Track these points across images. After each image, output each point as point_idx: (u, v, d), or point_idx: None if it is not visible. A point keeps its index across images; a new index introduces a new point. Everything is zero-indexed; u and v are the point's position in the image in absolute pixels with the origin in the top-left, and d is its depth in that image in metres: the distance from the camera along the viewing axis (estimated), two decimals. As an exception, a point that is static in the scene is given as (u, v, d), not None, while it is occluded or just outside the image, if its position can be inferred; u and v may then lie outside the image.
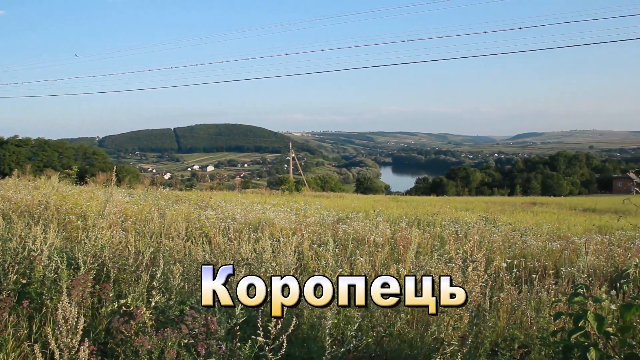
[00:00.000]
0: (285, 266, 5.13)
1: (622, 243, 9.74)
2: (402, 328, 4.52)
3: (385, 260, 7.23)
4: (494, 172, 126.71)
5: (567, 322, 3.77)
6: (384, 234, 9.03)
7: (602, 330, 2.72)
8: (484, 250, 4.71)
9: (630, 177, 5.70)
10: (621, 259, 8.04)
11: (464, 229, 10.62)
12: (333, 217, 12.09)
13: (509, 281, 5.94)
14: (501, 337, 4.65)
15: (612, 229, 13.18)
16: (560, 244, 9.68)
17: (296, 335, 4.23)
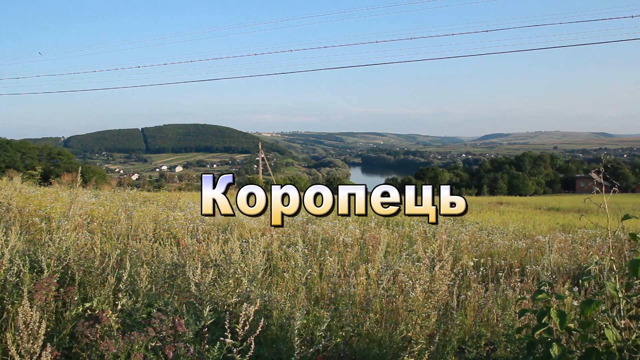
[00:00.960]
0: (254, 267, 5.10)
1: (585, 241, 9.99)
2: (371, 327, 4.55)
3: (355, 260, 7.26)
4: (461, 173, 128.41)
5: (531, 319, 3.84)
6: (353, 234, 9.07)
7: (564, 326, 2.78)
8: (451, 249, 4.77)
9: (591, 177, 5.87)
10: (583, 256, 8.24)
11: (433, 229, 10.73)
12: (302, 217, 12.08)
13: (476, 280, 6.03)
14: (468, 334, 4.71)
15: (575, 228, 13.49)
16: (525, 242, 9.86)
17: (265, 336, 4.22)
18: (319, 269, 6.28)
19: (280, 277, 6.27)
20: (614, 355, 2.74)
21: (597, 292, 3.20)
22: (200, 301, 4.20)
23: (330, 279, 5.47)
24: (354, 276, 5.51)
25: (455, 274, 5.79)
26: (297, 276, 5.71)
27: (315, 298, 5.71)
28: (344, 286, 5.26)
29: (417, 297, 3.80)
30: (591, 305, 2.78)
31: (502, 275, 6.07)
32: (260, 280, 5.68)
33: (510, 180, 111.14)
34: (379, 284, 5.18)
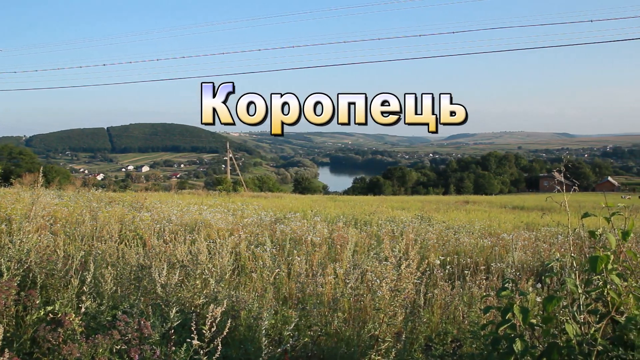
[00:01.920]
0: (221, 267, 5.07)
1: (547, 239, 10.22)
2: (339, 326, 4.56)
3: (323, 260, 7.28)
4: (429, 172, 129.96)
5: (496, 315, 3.91)
6: (322, 233, 9.08)
7: (527, 321, 2.84)
8: (417, 248, 4.82)
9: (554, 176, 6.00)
10: (546, 254, 8.43)
11: (400, 228, 10.83)
12: (271, 217, 12.05)
13: (443, 278, 6.10)
14: (435, 332, 4.78)
15: (538, 226, 13.78)
16: (491, 240, 10.03)
17: (233, 337, 4.19)
18: (287, 269, 6.27)
19: (249, 278, 6.24)
20: (574, 349, 2.82)
21: (559, 288, 3.27)
22: (166, 303, 4.15)
23: (298, 279, 5.47)
24: (322, 276, 5.52)
25: (422, 273, 5.86)
26: (265, 276, 5.69)
27: (283, 298, 5.70)
28: (312, 286, 5.26)
29: (384, 295, 3.83)
30: (552, 301, 2.84)
31: (468, 273, 6.17)
32: (228, 280, 5.64)
33: (476, 180, 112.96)
34: (346, 283, 5.20)
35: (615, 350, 2.77)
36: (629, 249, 3.16)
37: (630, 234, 3.07)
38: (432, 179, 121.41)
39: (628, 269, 3.12)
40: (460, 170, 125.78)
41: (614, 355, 2.78)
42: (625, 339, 2.87)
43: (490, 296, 4.33)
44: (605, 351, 2.80)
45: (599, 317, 2.97)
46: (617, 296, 2.92)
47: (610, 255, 2.91)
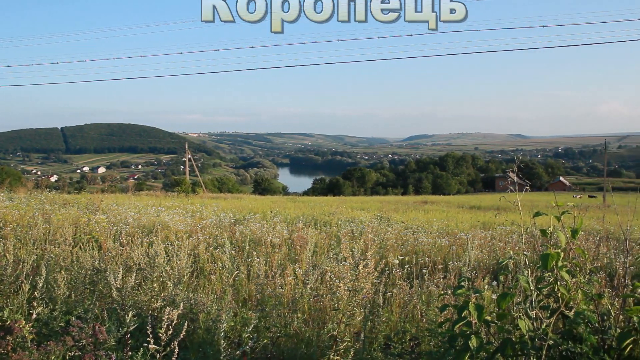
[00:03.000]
0: (179, 270, 5.00)
1: (503, 237, 10.45)
2: (299, 327, 4.56)
3: (283, 261, 7.27)
4: (388, 173, 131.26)
5: (453, 313, 3.98)
6: (281, 234, 9.06)
7: (482, 319, 2.91)
8: (374, 248, 4.87)
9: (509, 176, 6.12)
10: (502, 252, 8.62)
11: (360, 228, 10.90)
12: (230, 218, 11.96)
13: (402, 277, 6.17)
14: (394, 331, 4.82)
15: (494, 225, 14.07)
16: (448, 240, 10.19)
17: (192, 340, 4.15)
18: (246, 271, 6.24)
19: (208, 280, 6.18)
20: (526, 344, 2.89)
21: (513, 285, 3.36)
22: (122, 307, 4.07)
23: (257, 280, 5.45)
24: (281, 277, 5.51)
25: (381, 272, 5.91)
26: (225, 278, 5.64)
27: (243, 300, 5.67)
28: (271, 287, 5.25)
29: (342, 296, 3.85)
30: (506, 298, 2.92)
31: (426, 272, 6.26)
32: (187, 283, 5.58)
33: (434, 180, 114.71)
34: (306, 284, 5.20)
35: (565, 344, 2.86)
36: (578, 246, 3.26)
37: (579, 232, 3.18)
38: (391, 179, 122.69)
39: (577, 266, 3.23)
40: (419, 170, 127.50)
41: (564, 348, 2.87)
42: (574, 332, 2.97)
43: (447, 294, 4.41)
44: (556, 345, 2.89)
45: (550, 312, 3.06)
46: (566, 292, 3.02)
47: (561, 252, 3.00)
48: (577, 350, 2.83)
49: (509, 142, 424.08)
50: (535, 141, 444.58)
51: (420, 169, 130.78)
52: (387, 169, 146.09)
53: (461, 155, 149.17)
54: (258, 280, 5.43)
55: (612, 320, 3.07)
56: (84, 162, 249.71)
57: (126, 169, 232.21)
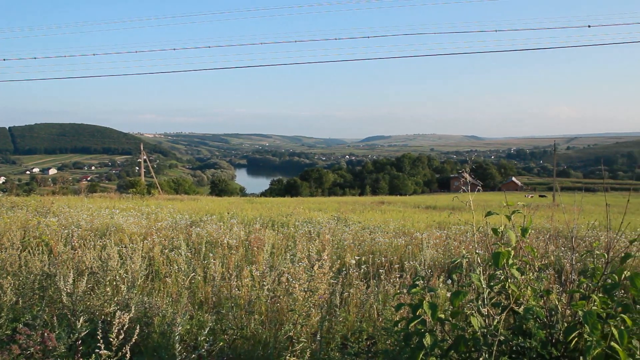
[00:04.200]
0: (133, 273, 4.91)
1: (458, 237, 10.64)
2: (256, 329, 4.54)
3: (240, 262, 7.22)
4: (345, 173, 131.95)
5: (408, 312, 4.03)
6: (238, 236, 9.00)
7: (436, 317, 2.96)
8: (329, 248, 4.89)
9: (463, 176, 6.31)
10: (456, 251, 8.78)
11: (317, 229, 10.92)
12: (186, 220, 11.81)
13: (359, 277, 6.21)
14: (351, 330, 4.85)
15: (449, 225, 14.32)
16: (405, 239, 10.31)
17: (146, 344, 4.07)
18: (203, 273, 6.17)
19: (163, 283, 6.08)
20: (479, 340, 2.96)
21: (466, 283, 3.43)
22: (73, 312, 3.97)
23: (214, 282, 5.39)
24: (238, 278, 5.47)
25: (338, 273, 5.94)
26: (181, 281, 5.57)
27: (199, 302, 5.60)
28: (226, 289, 5.21)
29: (297, 296, 3.85)
30: (459, 296, 2.98)
31: (383, 272, 6.31)
32: (142, 286, 5.47)
33: (391, 181, 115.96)
34: (263, 286, 5.18)
35: (515, 339, 2.94)
36: (527, 244, 3.36)
37: (529, 231, 3.27)
38: (349, 180, 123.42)
39: (527, 263, 3.32)
40: (376, 171, 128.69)
41: (515, 344, 2.95)
42: (524, 328, 3.06)
43: (403, 294, 4.46)
44: (507, 340, 2.97)
45: (501, 309, 3.14)
46: (516, 289, 3.10)
47: (511, 251, 3.09)
48: (527, 345, 2.91)
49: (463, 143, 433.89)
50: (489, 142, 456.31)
51: (377, 169, 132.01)
52: (344, 169, 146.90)
53: (417, 156, 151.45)
54: (214, 283, 5.37)
55: (560, 315, 3.17)
56: (34, 163, 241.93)
57: (79, 170, 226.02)
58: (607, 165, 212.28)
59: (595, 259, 3.42)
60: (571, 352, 3.00)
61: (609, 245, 3.35)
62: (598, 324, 2.76)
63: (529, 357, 2.92)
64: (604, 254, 3.32)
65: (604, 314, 2.91)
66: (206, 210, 18.66)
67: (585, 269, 3.30)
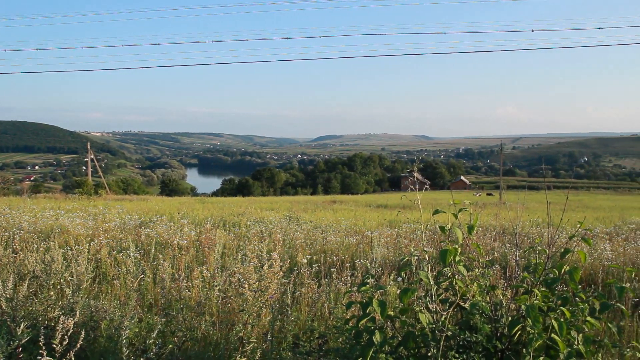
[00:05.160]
0: (79, 276, 4.77)
1: (408, 235, 10.82)
2: (207, 330, 4.49)
3: (190, 263, 7.13)
4: (297, 173, 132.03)
5: (358, 310, 4.07)
6: (189, 236, 8.88)
7: (385, 314, 3.01)
8: (280, 247, 4.89)
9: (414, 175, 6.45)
10: (407, 249, 8.92)
11: (269, 228, 10.89)
12: (135, 221, 11.56)
13: (310, 276, 6.23)
14: (303, 329, 4.86)
15: (400, 223, 14.52)
16: (356, 238, 10.41)
17: (93, 349, 3.97)
18: (152, 274, 6.06)
19: (111, 285, 5.94)
20: (427, 336, 3.03)
21: (415, 280, 3.49)
22: (13, 318, 3.82)
23: (163, 284, 5.30)
24: (188, 279, 5.40)
25: (290, 272, 5.95)
26: (129, 283, 5.45)
27: (149, 304, 5.50)
28: (175, 291, 5.13)
29: (247, 296, 3.83)
30: (407, 293, 3.03)
31: (334, 271, 6.35)
32: (88, 289, 5.33)
33: (343, 180, 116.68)
34: (214, 286, 5.13)
35: (462, 334, 3.02)
36: (474, 241, 3.45)
37: (475, 228, 3.36)
38: (301, 179, 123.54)
39: (473, 260, 3.41)
40: (328, 170, 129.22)
41: (461, 338, 3.03)
42: (470, 323, 3.14)
43: (353, 292, 4.50)
44: (454, 335, 3.05)
45: (449, 305, 3.21)
46: (463, 285, 3.18)
47: (458, 248, 3.16)
48: (473, 339, 3.00)
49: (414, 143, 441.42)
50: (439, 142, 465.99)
51: (329, 169, 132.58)
52: (296, 169, 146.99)
53: (369, 156, 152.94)
54: (164, 284, 5.29)
55: (504, 310, 3.27)
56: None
57: (21, 170, 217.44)
58: (550, 164, 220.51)
59: (537, 255, 3.55)
60: (515, 344, 3.11)
61: (551, 241, 3.48)
62: (539, 317, 2.86)
63: (475, 351, 3.00)
64: (545, 249, 3.44)
65: (545, 307, 3.03)
66: (156, 210, 18.33)
67: (529, 265, 3.41)
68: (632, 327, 5.27)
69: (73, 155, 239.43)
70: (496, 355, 3.09)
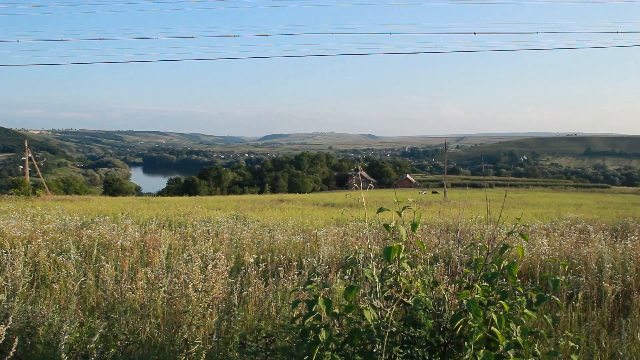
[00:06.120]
0: (14, 280, 4.59)
1: (355, 233, 10.92)
2: (151, 333, 4.41)
3: (135, 264, 6.97)
4: (244, 172, 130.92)
5: (305, 308, 4.09)
6: (133, 237, 8.68)
7: (330, 312, 3.04)
8: (225, 247, 4.86)
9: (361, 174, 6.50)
10: (353, 247, 9.00)
11: (216, 228, 10.77)
12: (77, 222, 11.20)
13: (257, 275, 6.20)
14: (250, 329, 4.84)
15: (347, 221, 14.63)
16: (303, 237, 10.42)
17: (30, 356, 3.83)
18: (94, 277, 5.89)
19: (50, 289, 5.74)
20: (372, 333, 3.07)
21: (361, 278, 3.54)
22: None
23: (104, 286, 5.17)
24: (130, 281, 5.29)
25: (237, 271, 5.91)
26: (70, 286, 5.29)
27: (90, 308, 5.35)
28: (117, 293, 5.01)
29: (191, 297, 3.79)
30: (352, 291, 3.07)
31: (282, 270, 6.35)
32: (25, 294, 5.14)
33: (290, 179, 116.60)
34: (159, 288, 5.04)
35: (407, 330, 3.08)
36: (417, 239, 3.52)
37: (419, 226, 3.43)
38: (248, 178, 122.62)
39: (417, 257, 3.49)
40: (275, 169, 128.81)
41: (406, 334, 3.09)
42: (414, 318, 3.21)
43: (300, 290, 4.51)
44: (399, 331, 3.10)
45: (393, 301, 3.27)
46: (407, 281, 3.25)
47: (402, 245, 3.22)
48: (417, 334, 3.06)
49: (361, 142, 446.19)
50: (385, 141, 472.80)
51: (276, 167, 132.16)
52: (243, 168, 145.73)
53: (316, 154, 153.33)
54: (106, 287, 5.15)
55: (447, 305, 3.36)
56: None
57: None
58: (491, 163, 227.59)
59: (478, 251, 3.66)
60: (457, 338, 3.20)
61: (491, 237, 3.60)
62: (480, 311, 2.96)
63: (419, 346, 3.07)
64: (485, 245, 3.55)
65: (486, 301, 3.13)
66: (99, 210, 17.82)
67: (471, 260, 3.51)
68: (566, 318, 5.52)
69: (9, 154, 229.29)
70: (439, 349, 3.17)
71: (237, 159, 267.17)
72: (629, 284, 6.74)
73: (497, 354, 2.98)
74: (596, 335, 5.07)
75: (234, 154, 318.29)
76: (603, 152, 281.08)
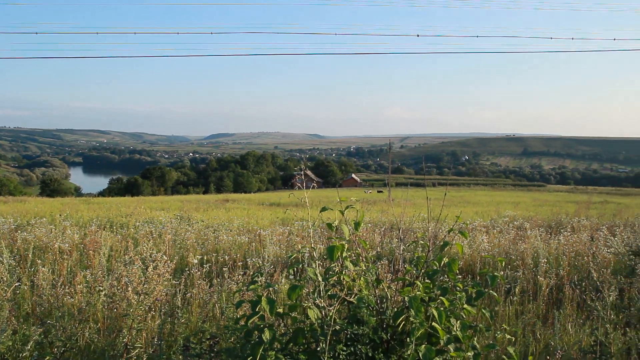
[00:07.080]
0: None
1: (300, 232, 10.94)
2: (91, 338, 4.29)
3: (74, 268, 6.76)
4: (189, 172, 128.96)
5: (249, 308, 4.07)
6: (72, 239, 8.40)
7: (274, 311, 3.04)
8: (167, 247, 4.78)
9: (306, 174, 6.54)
10: (298, 246, 9.03)
11: (159, 229, 10.56)
12: (10, 224, 10.73)
13: (201, 276, 6.13)
14: (194, 331, 4.78)
15: (293, 221, 14.64)
16: (248, 236, 10.35)
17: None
18: (29, 282, 5.67)
19: (-20, 296, 5.48)
20: (316, 331, 3.09)
21: (305, 277, 3.55)
22: None
23: (40, 291, 4.98)
24: (69, 285, 5.12)
25: (180, 273, 5.82)
26: (2, 292, 5.06)
27: (25, 314, 5.14)
28: (52, 298, 4.84)
29: (131, 300, 3.71)
30: (295, 290, 3.08)
31: (226, 270, 6.30)
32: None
33: (235, 179, 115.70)
34: (100, 291, 4.90)
35: (350, 327, 3.12)
36: (360, 237, 3.57)
37: (362, 224, 3.48)
38: (193, 178, 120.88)
39: (359, 255, 3.53)
40: (220, 169, 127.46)
41: (349, 331, 3.13)
42: (358, 316, 3.25)
43: (244, 291, 4.48)
44: (342, 329, 3.14)
45: (336, 299, 3.31)
46: (350, 280, 3.29)
47: (345, 244, 3.26)
48: (360, 332, 3.11)
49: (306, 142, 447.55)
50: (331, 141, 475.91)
51: (221, 167, 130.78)
52: (188, 167, 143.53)
53: (262, 154, 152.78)
54: (42, 291, 4.97)
55: (390, 302, 3.42)
56: None
57: None
58: (434, 162, 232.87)
59: (420, 248, 3.74)
60: (400, 334, 3.26)
61: (433, 235, 3.69)
62: (421, 307, 3.03)
63: (362, 343, 3.12)
64: (427, 243, 3.64)
65: (427, 297, 3.20)
66: (35, 212, 17.15)
67: (413, 258, 3.59)
68: (504, 311, 5.73)
69: None
70: (382, 346, 3.23)
71: (181, 158, 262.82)
72: (562, 277, 7.06)
73: (438, 349, 3.07)
74: (532, 327, 5.28)
75: (179, 153, 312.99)
76: (539, 152, 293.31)
